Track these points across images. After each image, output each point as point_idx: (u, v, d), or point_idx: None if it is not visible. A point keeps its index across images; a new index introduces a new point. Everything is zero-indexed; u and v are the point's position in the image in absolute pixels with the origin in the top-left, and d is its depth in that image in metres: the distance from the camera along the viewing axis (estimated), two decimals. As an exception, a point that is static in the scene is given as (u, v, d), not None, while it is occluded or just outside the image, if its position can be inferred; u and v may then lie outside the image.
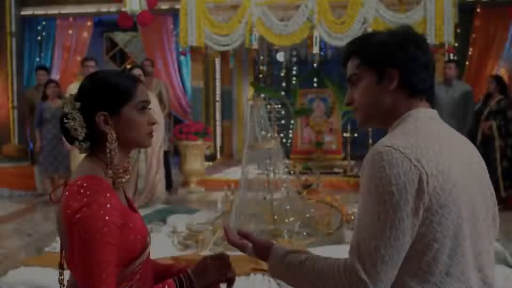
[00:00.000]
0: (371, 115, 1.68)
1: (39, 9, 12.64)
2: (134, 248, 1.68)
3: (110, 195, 1.61)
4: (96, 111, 1.68)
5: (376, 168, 1.44)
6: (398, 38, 1.65)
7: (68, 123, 1.67)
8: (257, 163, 5.60)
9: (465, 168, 1.54)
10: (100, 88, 1.71)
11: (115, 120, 1.70)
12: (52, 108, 7.72)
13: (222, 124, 11.90)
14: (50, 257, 4.45)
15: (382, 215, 1.41)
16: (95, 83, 1.73)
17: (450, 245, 1.46)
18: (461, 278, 1.48)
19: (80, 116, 1.68)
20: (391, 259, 1.40)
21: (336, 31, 8.63)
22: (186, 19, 9.08)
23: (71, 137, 1.70)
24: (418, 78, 1.63)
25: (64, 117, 1.69)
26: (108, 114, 1.68)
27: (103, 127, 1.68)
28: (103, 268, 1.55)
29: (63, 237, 1.67)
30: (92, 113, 1.68)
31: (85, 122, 1.69)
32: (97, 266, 1.54)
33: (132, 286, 1.70)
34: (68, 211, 1.58)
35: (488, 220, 1.61)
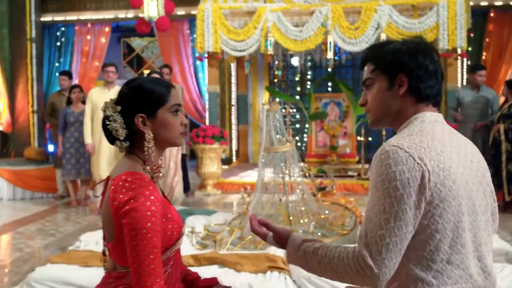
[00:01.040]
0: (381, 116, 1.85)
1: (59, 15, 12.88)
2: (172, 236, 1.87)
3: (152, 188, 1.80)
4: (135, 113, 1.87)
5: (383, 165, 1.61)
6: (409, 47, 1.82)
7: (110, 125, 1.86)
8: (273, 166, 5.73)
9: (465, 167, 1.69)
10: (138, 93, 1.90)
11: (151, 121, 1.89)
12: (76, 113, 7.87)
13: (238, 128, 12.02)
14: (75, 255, 4.64)
15: (387, 207, 1.58)
16: (133, 89, 1.92)
17: (451, 236, 1.62)
18: (461, 266, 1.64)
19: (120, 118, 1.87)
20: (394, 247, 1.57)
21: (350, 36, 8.74)
22: (202, 25, 9.22)
23: (113, 138, 1.89)
24: (426, 85, 1.79)
25: (106, 120, 1.88)
26: (145, 116, 1.88)
27: (141, 128, 1.88)
28: (155, 253, 1.75)
29: (108, 228, 1.86)
30: (132, 115, 1.87)
31: (125, 124, 1.87)
32: (148, 252, 1.74)
33: (167, 271, 1.88)
34: (115, 203, 1.77)
35: (487, 215, 1.76)
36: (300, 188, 5.84)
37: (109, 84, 7.44)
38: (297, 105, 11.72)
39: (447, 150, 1.67)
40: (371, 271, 1.58)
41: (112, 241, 1.87)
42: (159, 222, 1.79)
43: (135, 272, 1.75)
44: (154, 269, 1.76)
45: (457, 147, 1.73)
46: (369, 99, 1.89)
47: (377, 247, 1.58)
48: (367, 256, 1.59)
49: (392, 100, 1.82)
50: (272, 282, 4.09)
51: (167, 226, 1.86)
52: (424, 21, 8.58)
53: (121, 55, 14.80)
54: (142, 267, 1.75)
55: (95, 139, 7.32)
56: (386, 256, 1.58)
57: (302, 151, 11.09)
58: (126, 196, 1.78)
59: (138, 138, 1.91)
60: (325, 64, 10.61)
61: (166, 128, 1.93)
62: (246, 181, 8.89)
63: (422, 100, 1.81)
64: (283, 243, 1.89)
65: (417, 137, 1.68)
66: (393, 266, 1.59)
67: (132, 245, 1.75)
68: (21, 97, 11.92)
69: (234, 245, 5.01)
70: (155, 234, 1.77)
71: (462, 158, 1.71)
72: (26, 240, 6.03)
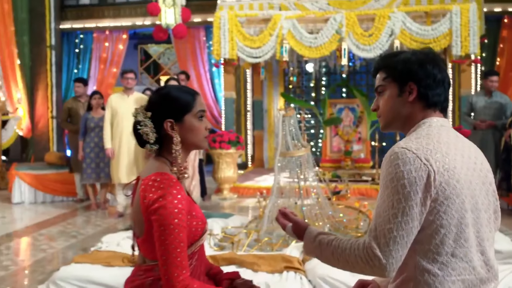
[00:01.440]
0: (391, 121, 2.00)
1: (77, 23, 13.15)
2: (196, 232, 2.03)
3: (179, 187, 1.96)
4: (164, 119, 2.03)
5: (392, 165, 1.76)
6: (419, 57, 1.96)
7: (141, 129, 2.02)
8: (289, 170, 5.86)
9: (469, 168, 1.83)
10: (166, 100, 2.07)
11: (179, 126, 2.06)
12: (96, 118, 8.05)
13: (253, 133, 12.16)
14: (98, 255, 4.81)
15: (395, 203, 1.72)
16: (162, 96, 2.08)
17: (455, 231, 1.75)
18: (465, 259, 1.78)
19: (151, 123, 2.03)
20: (401, 240, 1.71)
21: (364, 43, 8.85)
22: (219, 32, 9.36)
23: (143, 141, 2.05)
24: (434, 93, 1.93)
25: (137, 124, 2.04)
26: (173, 121, 2.04)
27: (170, 132, 2.04)
28: (181, 247, 1.92)
29: (138, 224, 2.02)
30: (161, 121, 2.03)
31: (154, 128, 2.03)
32: (176, 246, 1.90)
33: (192, 264, 2.03)
34: (145, 201, 1.93)
35: (490, 212, 1.90)
36: (315, 192, 5.97)
37: (128, 91, 7.59)
38: (312, 111, 11.81)
39: (452, 152, 1.81)
40: (379, 262, 1.72)
41: (142, 236, 2.03)
42: (185, 218, 1.95)
43: (164, 264, 1.91)
44: (180, 262, 1.91)
45: (462, 149, 1.87)
46: (380, 105, 2.04)
47: (385, 240, 1.73)
48: (376, 247, 1.73)
49: (402, 106, 1.97)
50: (288, 281, 4.22)
51: (192, 223, 2.01)
52: (437, 27, 8.66)
53: (138, 61, 15.03)
54: (170, 259, 1.90)
55: (115, 144, 7.49)
56: (393, 248, 1.72)
57: (316, 156, 11.18)
58: (156, 194, 1.94)
59: (166, 142, 2.08)
60: (340, 70, 10.70)
61: (192, 132, 2.09)
62: (262, 185, 9.04)
63: (430, 106, 1.95)
64: (301, 234, 2.04)
65: (424, 140, 1.82)
66: (399, 258, 1.73)
67: (161, 240, 1.91)
68: (40, 103, 12.17)
69: (251, 247, 5.15)
70: (182, 230, 1.92)
71: (466, 160, 1.84)
72: (48, 241, 6.22)
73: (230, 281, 2.18)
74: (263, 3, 10.37)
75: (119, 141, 7.43)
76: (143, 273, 2.05)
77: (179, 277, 1.90)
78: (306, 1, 10.27)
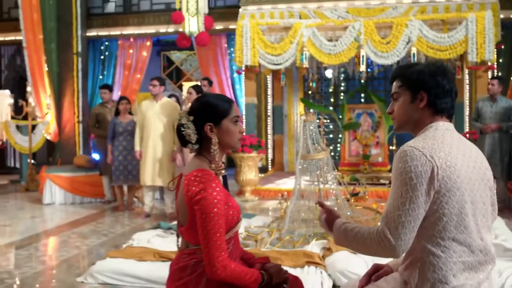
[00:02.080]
0: (403, 124, 2.31)
1: (103, 31, 13.59)
2: (232, 220, 2.34)
3: (217, 182, 2.29)
4: (204, 122, 2.36)
5: (401, 161, 2.07)
6: (431, 69, 2.27)
7: (185, 131, 2.35)
8: (309, 173, 6.14)
9: (469, 166, 2.12)
10: (207, 106, 2.39)
11: (217, 129, 2.39)
12: (124, 123, 8.40)
13: (273, 138, 12.46)
14: (130, 251, 5.14)
15: (403, 193, 2.03)
16: (203, 103, 2.41)
17: (456, 219, 2.05)
18: (464, 243, 2.07)
19: (193, 126, 2.36)
20: (408, 224, 2.02)
21: (382, 50, 9.12)
22: (241, 40, 9.68)
23: (185, 141, 2.37)
24: (442, 101, 2.24)
25: (181, 127, 2.36)
26: (212, 125, 2.36)
27: (209, 134, 2.37)
28: (220, 232, 2.24)
29: (182, 214, 2.34)
30: (201, 124, 2.36)
31: (196, 131, 2.36)
32: (215, 231, 2.23)
33: (229, 248, 2.34)
34: (189, 193, 2.26)
35: (488, 204, 2.19)
36: (334, 193, 6.25)
37: (156, 97, 7.86)
38: (331, 116, 12.06)
39: (454, 151, 2.11)
40: (389, 243, 2.04)
41: (185, 224, 2.35)
42: (223, 208, 2.27)
43: (205, 247, 2.23)
44: (220, 245, 2.23)
45: (463, 150, 2.16)
46: (395, 109, 2.35)
47: (395, 224, 2.04)
48: (387, 231, 2.05)
49: (414, 111, 2.27)
50: (309, 275, 4.50)
51: (228, 212, 2.33)
52: (453, 35, 8.91)
53: (161, 67, 15.42)
54: (210, 243, 2.22)
55: (142, 147, 7.81)
56: (401, 232, 2.03)
57: (335, 160, 11.40)
58: (198, 187, 2.26)
59: (206, 142, 2.41)
60: (358, 76, 10.96)
61: (229, 135, 2.43)
62: (282, 188, 9.33)
63: (438, 113, 2.25)
64: (331, 222, 2.38)
65: (430, 140, 2.13)
66: (407, 240, 2.04)
67: (203, 226, 2.23)
68: (67, 108, 12.57)
69: (273, 245, 5.44)
70: (220, 217, 2.24)
71: (466, 159, 2.14)
72: (81, 239, 6.57)
73: (261, 265, 2.49)
74: (283, 11, 10.72)
75: (146, 145, 7.75)
76: (186, 256, 2.37)
77: (218, 257, 2.22)
78: (326, 9, 10.61)
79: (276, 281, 2.41)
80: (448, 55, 9.01)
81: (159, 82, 7.88)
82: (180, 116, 2.41)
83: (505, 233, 5.79)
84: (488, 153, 7.85)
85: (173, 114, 7.65)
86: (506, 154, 7.89)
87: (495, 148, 7.90)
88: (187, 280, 2.34)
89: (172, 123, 7.65)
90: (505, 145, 7.93)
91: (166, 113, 7.68)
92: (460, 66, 9.94)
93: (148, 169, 7.72)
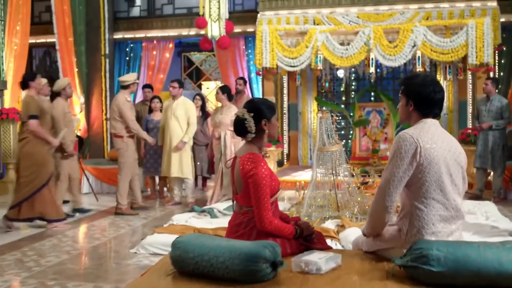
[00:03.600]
0: (402, 119, 3.24)
1: (128, 33, 14.44)
2: (274, 190, 3.25)
3: (265, 162, 3.19)
4: (261, 119, 3.26)
5: (396, 142, 2.97)
6: (422, 83, 3.12)
7: (248, 124, 3.25)
8: (324, 163, 6.99)
9: (445, 149, 3.00)
10: (264, 107, 3.30)
11: (268, 124, 3.28)
12: (155, 120, 9.33)
13: (289, 134, 13.22)
14: (173, 228, 6.03)
15: (393, 162, 2.94)
16: (260, 105, 3.33)
17: (435, 185, 2.93)
18: (441, 202, 2.95)
19: (253, 121, 3.25)
20: (395, 186, 2.94)
21: (390, 53, 9.91)
22: (261, 45, 10.47)
23: (245, 132, 3.26)
24: (426, 108, 3.11)
25: (244, 120, 3.26)
26: (266, 120, 3.25)
27: (264, 128, 3.27)
28: (267, 198, 3.15)
29: (238, 184, 3.24)
30: (259, 119, 3.26)
31: (254, 124, 3.25)
32: (264, 197, 3.14)
33: (272, 209, 3.24)
34: (244, 170, 3.16)
35: (459, 177, 3.05)
36: (347, 182, 7.11)
37: (174, 97, 8.77)
38: (343, 113, 12.53)
39: (435, 138, 2.99)
40: (382, 200, 2.96)
41: (240, 192, 3.26)
42: (268, 180, 3.17)
43: (256, 208, 3.13)
44: (267, 207, 3.13)
45: (442, 138, 3.04)
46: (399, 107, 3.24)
47: (385, 185, 2.96)
48: (380, 192, 2.97)
49: (407, 112, 3.18)
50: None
51: (271, 184, 3.23)
52: (455, 39, 9.69)
53: (181, 68, 16.22)
54: (260, 205, 3.12)
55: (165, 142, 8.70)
56: (390, 190, 2.95)
57: (346, 155, 12.10)
58: (251, 166, 3.16)
59: (257, 133, 3.31)
60: (368, 76, 11.64)
61: (273, 128, 3.36)
62: (298, 179, 10.14)
63: (424, 115, 3.13)
64: None
65: (418, 130, 3.02)
66: (394, 197, 2.96)
67: (255, 194, 3.13)
68: (95, 106, 13.50)
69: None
70: (267, 187, 3.14)
71: (444, 144, 3.01)
72: (125, 221, 7.50)
73: (295, 222, 3.38)
74: (299, 16, 11.59)
75: (170, 139, 8.63)
76: (241, 215, 3.28)
77: (266, 215, 3.12)
78: (338, 14, 11.46)
79: (306, 233, 3.31)
80: (450, 58, 9.81)
81: (179, 85, 8.80)
82: (242, 113, 3.30)
83: (496, 216, 6.61)
84: (482, 147, 8.68)
85: (188, 111, 8.54)
86: (498, 148, 8.64)
87: (487, 143, 8.68)
88: (242, 232, 3.24)
89: (187, 119, 8.55)
90: (497, 140, 8.67)
91: (182, 110, 8.58)
92: (462, 67, 10.76)
93: (174, 162, 8.57)
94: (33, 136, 6.91)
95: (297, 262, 2.90)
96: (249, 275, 2.67)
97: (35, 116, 6.91)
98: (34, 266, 5.28)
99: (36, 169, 6.92)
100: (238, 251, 2.71)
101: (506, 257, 2.58)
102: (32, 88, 7.07)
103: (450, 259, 2.59)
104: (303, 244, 3.30)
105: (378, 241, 3.18)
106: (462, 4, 11.12)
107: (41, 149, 6.98)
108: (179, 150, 8.49)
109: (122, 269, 5.18)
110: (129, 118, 8.11)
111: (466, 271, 2.57)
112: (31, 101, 6.95)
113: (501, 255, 2.59)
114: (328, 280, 2.76)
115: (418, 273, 2.66)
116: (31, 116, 6.89)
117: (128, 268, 5.21)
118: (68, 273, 5.03)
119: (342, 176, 7.05)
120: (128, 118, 8.10)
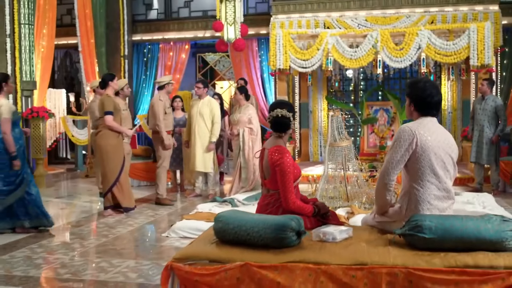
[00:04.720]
0: (407, 116, 3.87)
1: (146, 35, 15.14)
2: (296, 176, 3.93)
3: (289, 153, 3.86)
4: (294, 118, 3.93)
5: (397, 133, 3.64)
6: (422, 88, 3.76)
7: (288, 121, 3.93)
8: (335, 158, 7.62)
9: (439, 141, 3.65)
10: (292, 108, 4.01)
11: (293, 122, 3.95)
12: (177, 118, 9.98)
13: (300, 131, 13.82)
14: (200, 215, 6.69)
15: (393, 148, 3.60)
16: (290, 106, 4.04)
17: (429, 170, 3.58)
18: (434, 184, 3.61)
19: (290, 119, 3.93)
20: (393, 167, 3.60)
21: (396, 55, 10.50)
22: (275, 47, 11.08)
23: (286, 128, 3.97)
24: (424, 109, 3.75)
25: (288, 119, 3.96)
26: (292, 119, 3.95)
27: (292, 126, 3.95)
28: (291, 183, 3.84)
29: (267, 171, 3.91)
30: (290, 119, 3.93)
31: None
32: (289, 182, 3.82)
33: (295, 192, 3.90)
34: (272, 160, 3.85)
35: (451, 164, 3.69)
36: (356, 175, 7.74)
37: (200, 97, 9.38)
38: (351, 112, 13.16)
39: (430, 131, 3.64)
40: (383, 181, 3.63)
41: (268, 178, 3.93)
42: (292, 168, 3.84)
43: (282, 191, 3.81)
44: (291, 190, 3.80)
45: (437, 132, 3.69)
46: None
47: (386, 168, 3.63)
48: (382, 174, 3.63)
49: (411, 110, 3.82)
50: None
51: (294, 171, 3.90)
52: (457, 42, 10.28)
53: (196, 68, 16.81)
54: (285, 188, 3.80)
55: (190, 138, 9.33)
56: (389, 170, 3.62)
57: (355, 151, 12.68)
58: (278, 156, 3.84)
59: (287, 130, 3.97)
60: (376, 76, 12.17)
61: (294, 125, 4.01)
62: (309, 173, 10.77)
63: (423, 114, 3.77)
64: None
65: (417, 124, 3.68)
66: (392, 176, 3.63)
67: (281, 179, 3.81)
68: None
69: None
70: (291, 174, 3.82)
71: (438, 137, 3.66)
72: (152, 211, 8.19)
73: (313, 202, 4.05)
74: (310, 19, 12.27)
75: (194, 136, 9.26)
76: (269, 197, 3.96)
77: (290, 197, 3.80)
78: (347, 17, 12.11)
79: (323, 211, 3.98)
80: (453, 60, 10.40)
81: (203, 85, 9.40)
82: (281, 113, 3.98)
83: (492, 205, 7.21)
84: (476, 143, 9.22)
85: (213, 110, 9.17)
86: (493, 146, 9.18)
87: (481, 139, 9.22)
88: (270, 210, 3.92)
89: (211, 118, 9.17)
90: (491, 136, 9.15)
91: (207, 109, 9.18)
92: (465, 68, 11.35)
93: (198, 157, 9.20)
94: (107, 129, 7.78)
95: (316, 233, 3.58)
96: (279, 241, 3.35)
97: (111, 112, 7.76)
98: (78, 248, 5.98)
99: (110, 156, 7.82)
100: (270, 222, 3.39)
101: (484, 226, 3.24)
102: (109, 87, 7.96)
103: (440, 228, 3.25)
104: (320, 220, 3.97)
105: (383, 216, 3.84)
106: (465, 8, 11.76)
107: (112, 141, 7.83)
108: (211, 150, 9.11)
109: (158, 250, 5.87)
110: (158, 116, 8.78)
111: (452, 237, 3.24)
112: (108, 99, 7.81)
113: (480, 225, 3.25)
114: (341, 246, 3.44)
115: (414, 240, 3.33)
116: (107, 112, 7.75)
117: (162, 248, 5.91)
118: (110, 253, 5.72)
119: (352, 171, 7.66)
120: (156, 116, 8.78)
